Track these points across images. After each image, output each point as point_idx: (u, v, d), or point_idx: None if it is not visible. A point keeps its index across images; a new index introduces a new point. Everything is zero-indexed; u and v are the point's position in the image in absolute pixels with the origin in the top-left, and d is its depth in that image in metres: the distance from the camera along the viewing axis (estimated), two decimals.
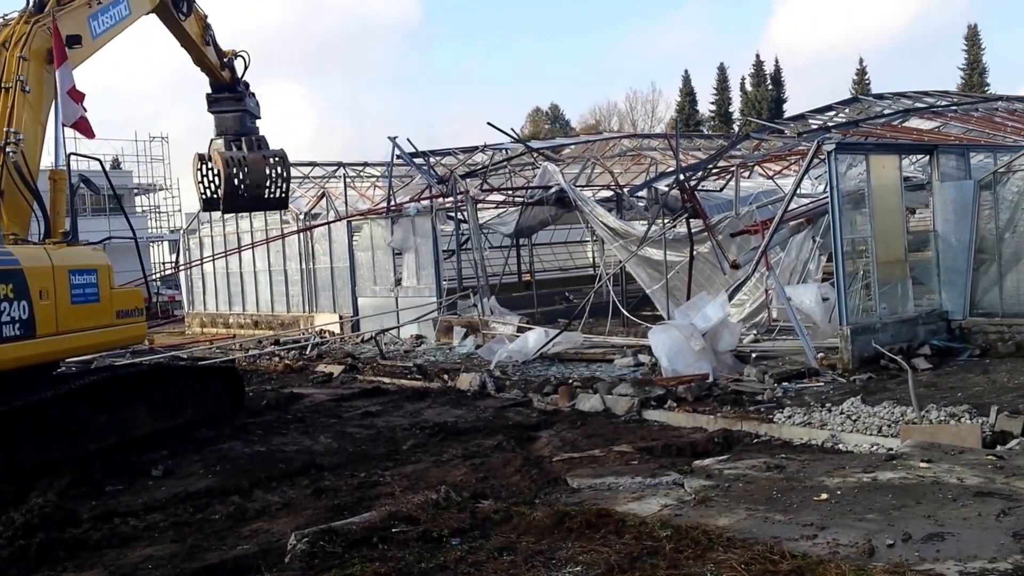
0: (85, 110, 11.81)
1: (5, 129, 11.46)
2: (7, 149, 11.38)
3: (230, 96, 15.72)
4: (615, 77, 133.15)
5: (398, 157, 24.99)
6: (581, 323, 18.96)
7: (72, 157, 12.07)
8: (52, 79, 12.01)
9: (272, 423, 13.03)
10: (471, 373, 15.58)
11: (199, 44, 15.05)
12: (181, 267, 32.19)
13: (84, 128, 11.89)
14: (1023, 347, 14.52)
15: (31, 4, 12.27)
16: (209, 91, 15.90)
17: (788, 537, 6.10)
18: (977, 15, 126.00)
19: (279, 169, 15.79)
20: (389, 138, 24.44)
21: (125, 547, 7.77)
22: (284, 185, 15.96)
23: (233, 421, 13.13)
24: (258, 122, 16.24)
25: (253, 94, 16.16)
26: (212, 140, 15.86)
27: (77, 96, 11.60)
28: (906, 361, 13.20)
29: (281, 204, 16.70)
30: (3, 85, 11.65)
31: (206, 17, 15.38)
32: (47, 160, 12.78)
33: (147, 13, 14.11)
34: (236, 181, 15.27)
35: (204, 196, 15.92)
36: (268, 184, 15.63)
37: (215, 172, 15.60)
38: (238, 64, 15.89)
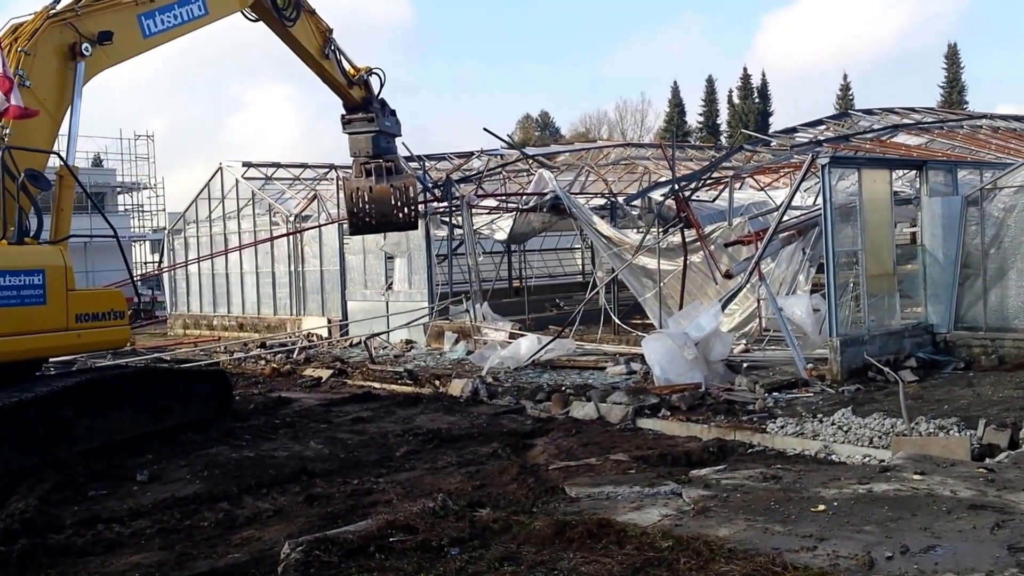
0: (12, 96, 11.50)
1: None
2: None
3: (362, 117, 15.57)
4: (605, 87, 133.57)
5: None
6: (573, 330, 18.94)
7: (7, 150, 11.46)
8: (71, 75, 11.89)
9: (260, 428, 12.84)
10: (463, 379, 15.51)
11: (316, 56, 14.75)
12: (165, 268, 31.97)
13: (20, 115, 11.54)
14: (1006, 361, 14.64)
15: (56, 1, 12.15)
16: (343, 112, 15.76)
17: (788, 548, 6.08)
18: (957, 35, 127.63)
19: (409, 194, 16.04)
20: (404, 144, 24.40)
21: (110, 554, 7.58)
22: (413, 208, 16.34)
23: (220, 425, 12.91)
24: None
25: (393, 111, 15.99)
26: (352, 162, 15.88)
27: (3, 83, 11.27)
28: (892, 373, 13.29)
29: (410, 226, 17.15)
30: None
31: (330, 31, 15.08)
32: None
33: (240, 11, 13.84)
34: (358, 211, 15.93)
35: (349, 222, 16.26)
36: (394, 210, 15.93)
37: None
38: (373, 81, 15.71)
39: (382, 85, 15.86)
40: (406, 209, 16.13)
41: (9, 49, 11.59)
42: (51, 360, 13.47)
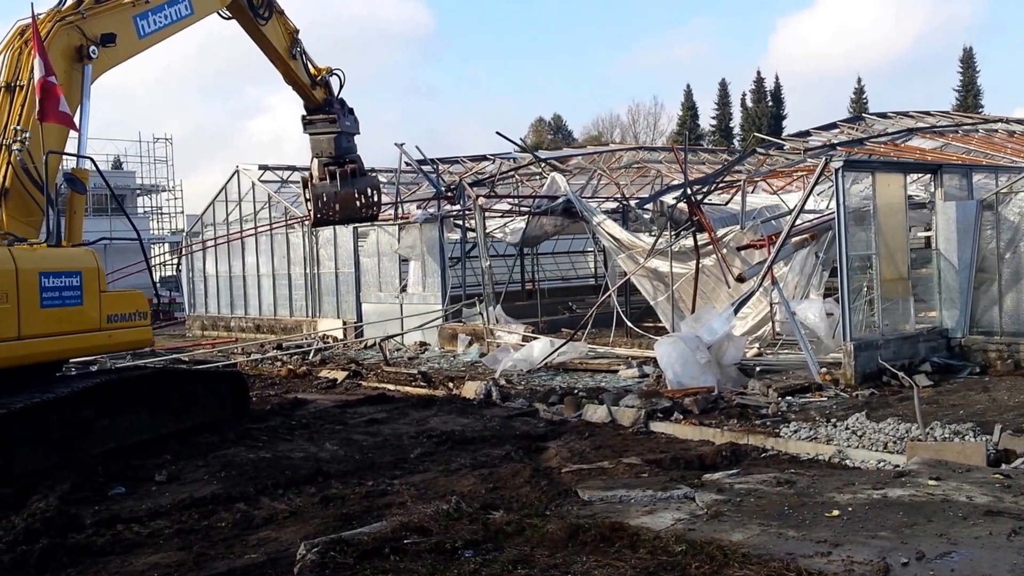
0: (61, 102, 11.65)
1: (13, 128, 11.41)
2: (13, 147, 11.32)
3: (324, 117, 15.71)
4: (618, 90, 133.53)
5: (406, 164, 25.07)
6: (585, 333, 18.97)
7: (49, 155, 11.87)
8: (79, 78, 12.00)
9: (277, 429, 12.93)
10: (476, 381, 15.56)
11: (284, 56, 14.90)
12: (183, 253, 32.14)
13: (67, 121, 11.72)
14: (1022, 365, 14.61)
15: (62, 2, 12.23)
16: (304, 112, 15.88)
17: (803, 554, 6.11)
18: (973, 39, 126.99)
19: (373, 198, 16.77)
20: (396, 144, 24.55)
21: (130, 554, 7.63)
22: (375, 207, 17.09)
23: (237, 426, 13.00)
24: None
25: (351, 111, 16.14)
26: (312, 160, 16.05)
27: (51, 90, 11.43)
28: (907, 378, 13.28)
29: (371, 219, 18.09)
30: (18, 83, 11.60)
31: (296, 31, 15.24)
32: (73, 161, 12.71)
33: (218, 11, 14.00)
34: (323, 214, 16.72)
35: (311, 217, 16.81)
36: (359, 212, 16.79)
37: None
38: (333, 82, 15.83)
39: (341, 86, 16.02)
40: (370, 205, 16.77)
41: (19, 52, 11.69)
42: (71, 360, 13.59)
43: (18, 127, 11.31)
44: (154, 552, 7.67)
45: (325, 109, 15.79)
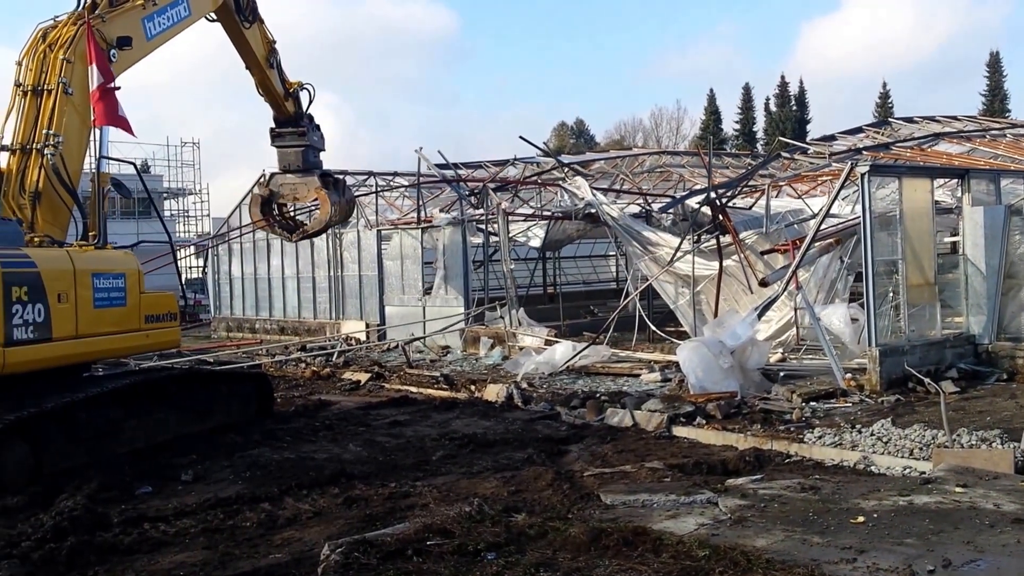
0: (119, 107, 11.82)
1: (44, 131, 11.55)
2: (45, 151, 11.46)
3: (293, 131, 15.78)
4: (641, 94, 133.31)
5: (429, 170, 25.17)
6: (607, 337, 18.95)
7: (102, 160, 12.10)
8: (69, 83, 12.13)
9: (300, 430, 13.02)
10: (498, 384, 15.59)
11: (262, 64, 15.02)
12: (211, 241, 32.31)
13: (125, 125, 11.92)
14: None
15: (81, 5, 12.34)
16: (272, 125, 15.94)
17: (827, 560, 6.08)
18: (1000, 43, 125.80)
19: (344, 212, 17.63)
20: (415, 151, 24.70)
21: (156, 553, 7.71)
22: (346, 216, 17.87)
23: (261, 427, 13.12)
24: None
25: (318, 127, 16.20)
26: (273, 175, 16.03)
27: (109, 96, 11.59)
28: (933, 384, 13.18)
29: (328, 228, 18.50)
30: (45, 87, 11.72)
31: (274, 42, 15.38)
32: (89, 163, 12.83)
33: (208, 13, 14.13)
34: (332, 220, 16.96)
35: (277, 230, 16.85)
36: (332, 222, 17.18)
37: (290, 208, 16.36)
38: (303, 96, 15.91)
39: (311, 101, 16.06)
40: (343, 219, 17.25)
41: (44, 56, 11.81)
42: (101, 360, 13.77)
43: (50, 131, 11.43)
44: (180, 551, 7.74)
45: (295, 122, 15.83)
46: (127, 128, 12.02)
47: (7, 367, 10.10)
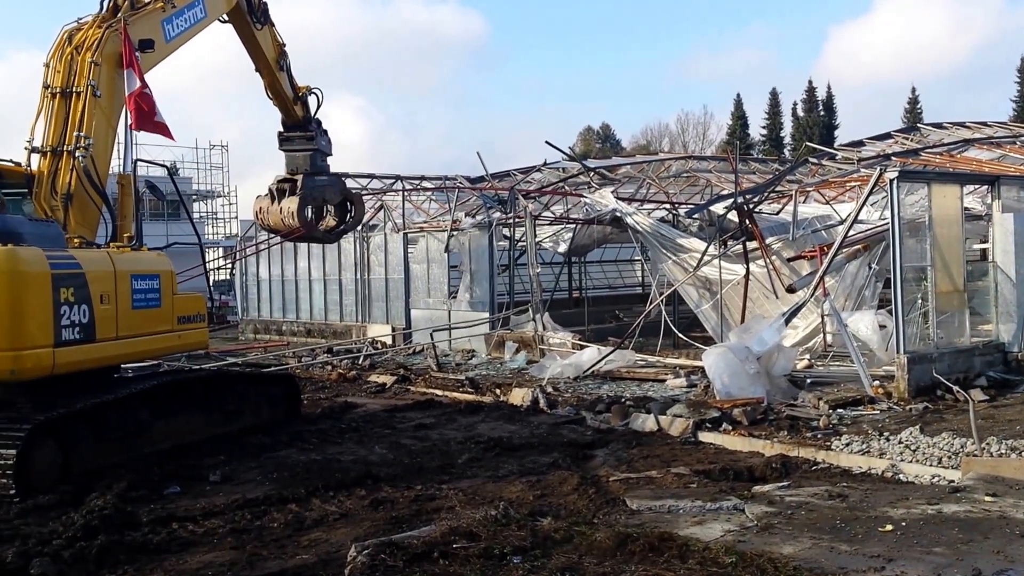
0: (157, 112, 11.95)
1: (75, 134, 11.68)
2: (76, 154, 11.60)
3: (301, 135, 15.84)
4: (667, 98, 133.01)
5: (463, 180, 25.27)
6: (632, 342, 18.93)
7: (137, 163, 12.22)
8: (123, 84, 12.21)
9: (327, 432, 13.09)
10: (523, 388, 15.60)
11: (273, 66, 15.10)
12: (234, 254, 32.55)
13: (163, 130, 12.07)
14: None
15: (105, 8, 12.46)
16: (280, 129, 16.02)
17: (855, 568, 6.06)
18: None
19: (341, 212, 16.53)
20: (476, 153, 24.79)
21: (184, 552, 7.76)
22: (343, 224, 16.73)
23: (289, 428, 13.19)
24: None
25: (325, 131, 16.23)
26: (281, 181, 16.11)
27: (146, 100, 11.72)
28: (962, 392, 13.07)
29: (331, 240, 17.73)
30: (74, 89, 11.85)
31: (284, 44, 15.50)
32: (116, 164, 12.98)
33: (222, 15, 14.23)
34: (285, 233, 16.34)
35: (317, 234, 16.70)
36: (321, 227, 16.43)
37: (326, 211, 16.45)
38: (311, 101, 15.98)
39: (319, 105, 16.07)
40: (336, 222, 16.54)
41: (71, 58, 11.94)
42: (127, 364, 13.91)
43: (81, 133, 11.55)
44: (208, 551, 7.80)
45: (303, 126, 15.91)
46: (166, 132, 12.16)
47: (56, 368, 10.21)
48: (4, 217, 10.57)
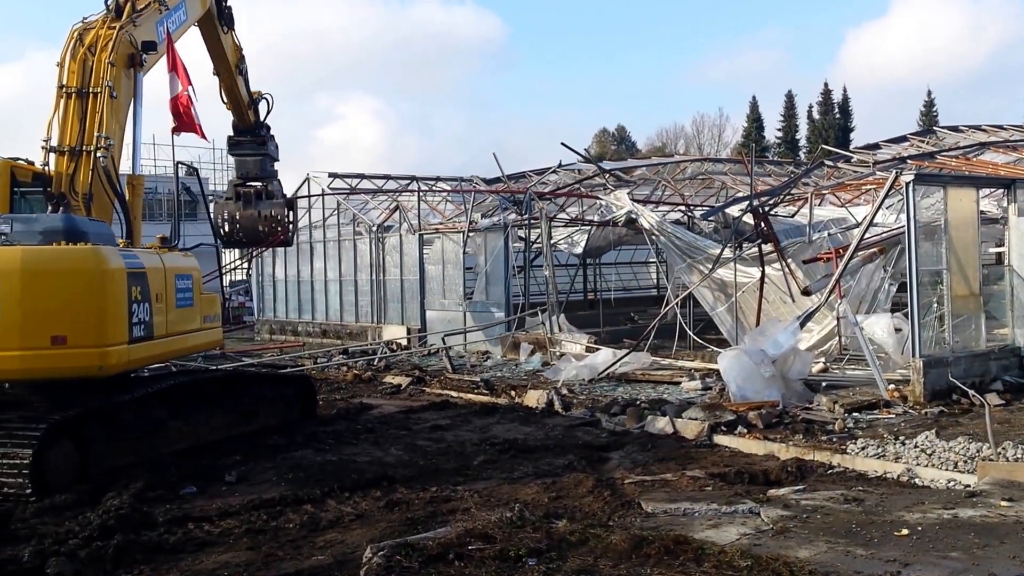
0: (195, 114, 12.12)
1: (96, 134, 11.78)
2: (98, 154, 11.70)
3: (252, 139, 15.89)
4: (683, 100, 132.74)
5: (479, 181, 25.32)
6: (647, 344, 18.92)
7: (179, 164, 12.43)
8: (131, 85, 12.30)
9: (342, 433, 13.14)
10: (538, 390, 15.62)
11: (232, 70, 15.21)
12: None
13: (199, 131, 12.23)
14: None
15: (109, 8, 12.53)
16: (231, 133, 16.09)
17: (871, 573, 6.06)
18: None
19: (278, 217, 16.21)
20: (492, 155, 24.90)
21: (200, 552, 7.81)
22: (284, 228, 16.46)
23: (304, 429, 13.25)
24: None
25: (273, 136, 16.32)
26: (230, 182, 16.18)
27: (186, 101, 11.88)
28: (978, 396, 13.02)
29: (284, 243, 17.34)
30: (91, 89, 11.94)
31: (241, 48, 15.62)
32: (125, 165, 13.09)
33: (198, 18, 14.29)
34: (228, 230, 16.10)
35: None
36: (264, 230, 16.15)
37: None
38: (262, 106, 16.06)
39: (269, 111, 16.13)
40: (277, 227, 16.31)
41: (85, 59, 12.03)
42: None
43: (102, 134, 11.64)
44: (224, 551, 7.84)
45: (254, 131, 15.95)
46: (201, 133, 12.33)
47: (129, 364, 10.48)
48: (71, 217, 10.71)
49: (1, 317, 9.59)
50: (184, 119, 11.80)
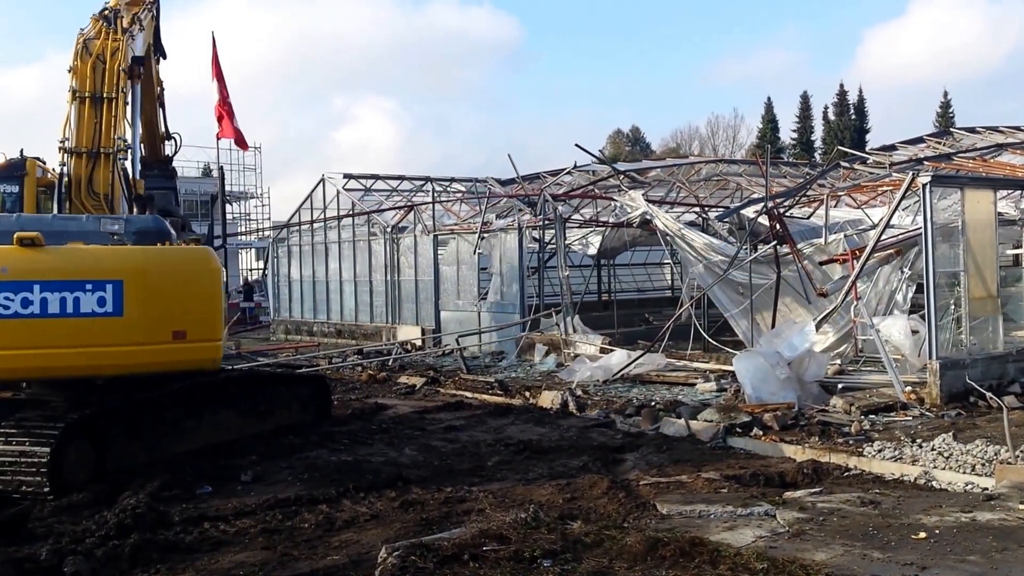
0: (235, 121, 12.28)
1: (115, 136, 11.93)
2: (119, 156, 11.85)
3: (159, 174, 15.90)
4: (697, 101, 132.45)
5: (494, 182, 25.33)
6: (662, 346, 18.88)
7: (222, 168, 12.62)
8: (131, 94, 12.52)
9: (357, 433, 13.16)
10: (553, 391, 15.61)
11: (155, 101, 15.29)
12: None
13: (240, 139, 12.38)
14: None
15: (108, 20, 12.58)
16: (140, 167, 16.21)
17: None
18: None
19: None
20: (507, 156, 24.89)
21: (216, 552, 7.83)
22: None
23: (319, 429, 13.27)
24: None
25: (176, 175, 16.41)
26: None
27: (229, 110, 12.06)
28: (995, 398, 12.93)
29: None
30: (105, 95, 12.10)
31: (163, 81, 15.62)
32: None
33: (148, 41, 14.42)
34: None
35: None
36: None
37: None
38: (169, 145, 16.11)
39: (176, 150, 16.11)
40: None
41: (94, 65, 12.18)
42: None
43: (122, 136, 11.81)
44: (240, 551, 7.86)
45: (164, 165, 16.01)
46: (242, 143, 12.50)
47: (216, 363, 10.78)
48: (159, 218, 11.15)
49: (126, 313, 10.00)
50: (225, 126, 12.00)
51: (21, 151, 12.45)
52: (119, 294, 9.91)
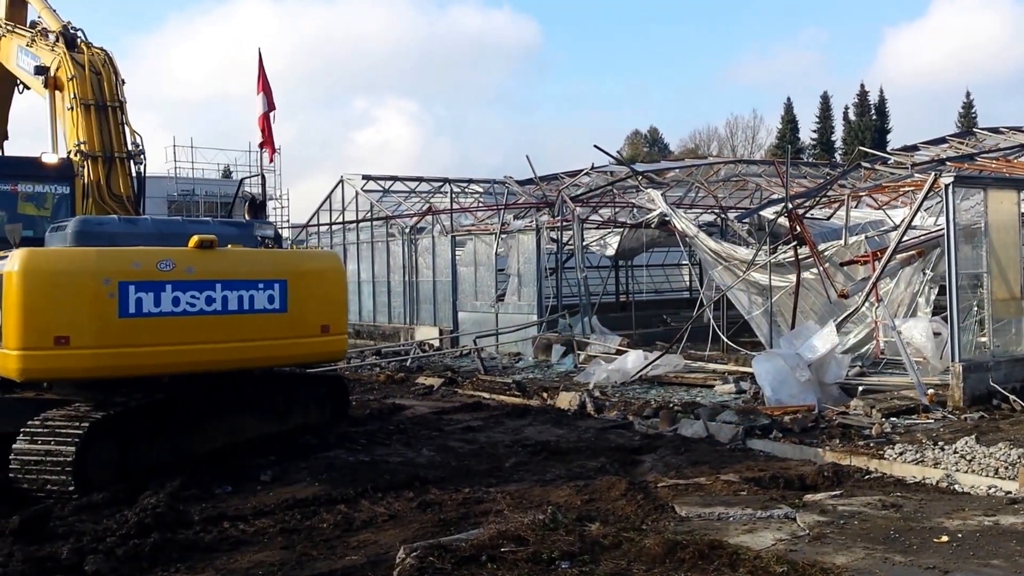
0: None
1: (132, 141, 12.10)
2: (139, 159, 12.03)
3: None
4: (716, 102, 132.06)
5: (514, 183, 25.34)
6: (680, 347, 18.81)
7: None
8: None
9: (375, 433, 13.17)
10: (570, 392, 15.58)
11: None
12: None
13: (271, 149, 12.74)
14: None
15: (72, 39, 12.81)
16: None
17: None
18: None
19: None
20: (526, 157, 24.96)
21: (236, 551, 7.84)
22: None
23: (338, 430, 13.28)
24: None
25: None
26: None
27: (269, 123, 12.36)
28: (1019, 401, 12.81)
29: None
30: (108, 104, 12.32)
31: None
32: None
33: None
34: None
35: None
36: None
37: None
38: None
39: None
40: None
41: (88, 77, 12.39)
42: None
43: (135, 140, 12.01)
44: (259, 550, 7.87)
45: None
46: (271, 155, 12.92)
47: None
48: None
49: (289, 309, 11.01)
50: (267, 139, 12.33)
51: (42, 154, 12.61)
52: (284, 292, 10.97)
